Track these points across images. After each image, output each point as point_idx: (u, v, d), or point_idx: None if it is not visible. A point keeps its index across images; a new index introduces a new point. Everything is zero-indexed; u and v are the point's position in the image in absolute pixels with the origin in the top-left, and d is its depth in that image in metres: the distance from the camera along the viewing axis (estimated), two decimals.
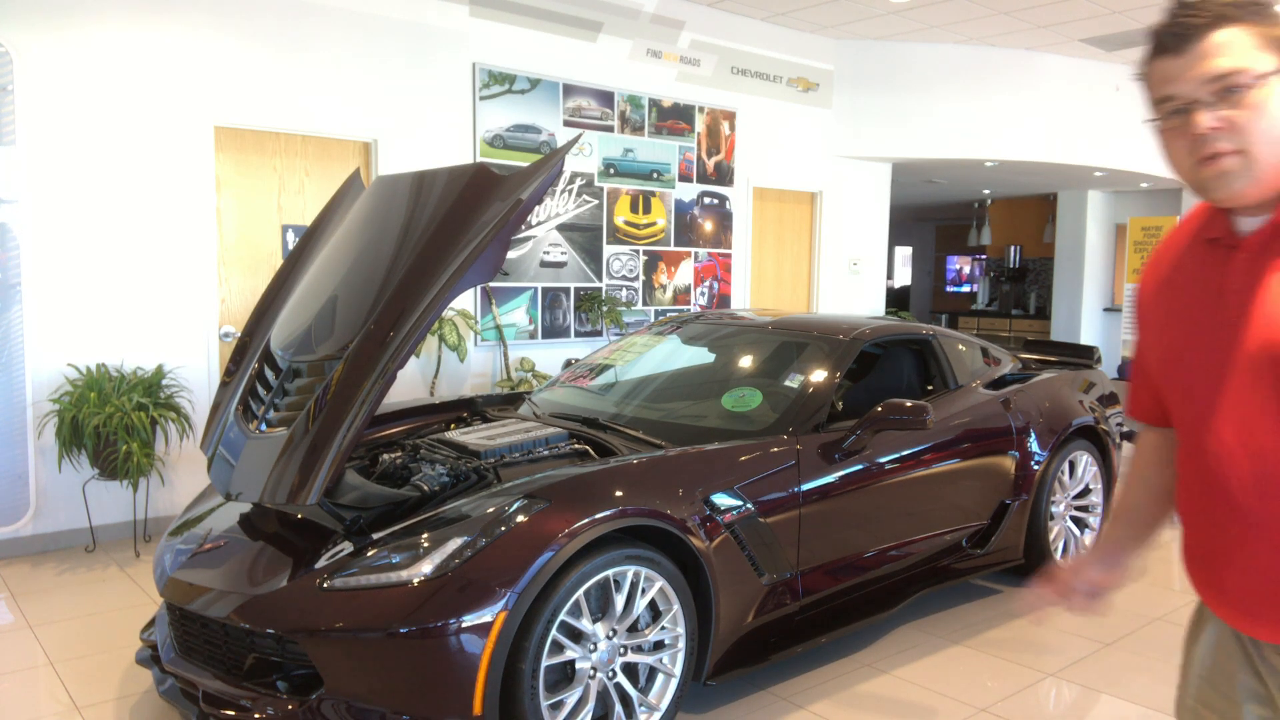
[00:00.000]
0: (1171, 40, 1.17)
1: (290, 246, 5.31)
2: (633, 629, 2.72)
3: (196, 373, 5.02)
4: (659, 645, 2.77)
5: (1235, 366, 1.21)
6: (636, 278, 6.94)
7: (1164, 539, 5.08)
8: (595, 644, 2.62)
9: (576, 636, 2.58)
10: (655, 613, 2.77)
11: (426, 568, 2.42)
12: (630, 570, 2.64)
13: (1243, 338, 1.19)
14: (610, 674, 2.66)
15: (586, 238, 6.62)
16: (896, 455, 3.52)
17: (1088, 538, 4.36)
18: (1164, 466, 1.50)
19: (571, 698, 2.56)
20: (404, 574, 2.42)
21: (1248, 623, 1.27)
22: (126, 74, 4.76)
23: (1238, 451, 1.22)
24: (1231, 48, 1.14)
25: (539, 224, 6.35)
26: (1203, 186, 1.19)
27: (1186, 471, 1.34)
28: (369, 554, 2.52)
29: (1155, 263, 1.42)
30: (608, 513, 2.58)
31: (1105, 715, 3.12)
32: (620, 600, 2.65)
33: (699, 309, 7.31)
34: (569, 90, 6.43)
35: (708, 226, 7.32)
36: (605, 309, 6.64)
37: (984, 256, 15.06)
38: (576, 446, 3.19)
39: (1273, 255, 1.18)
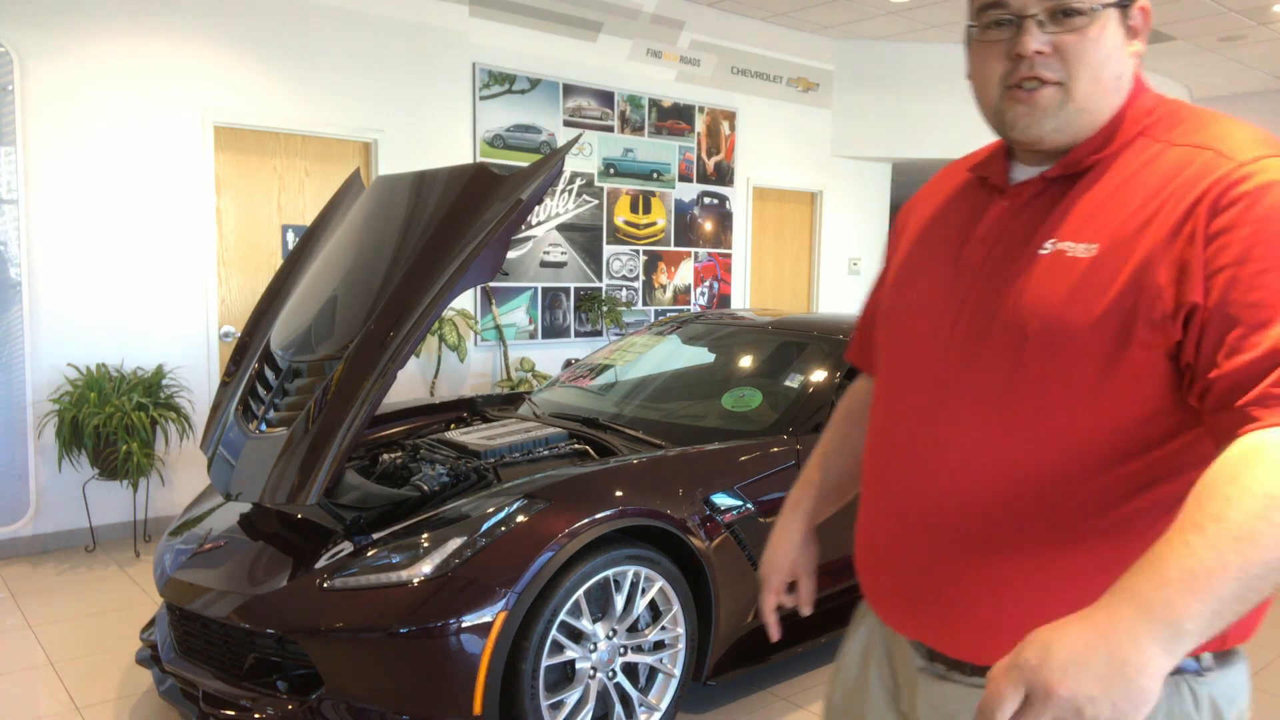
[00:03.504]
0: None
1: (290, 246, 5.31)
2: (633, 629, 2.72)
3: (196, 373, 5.02)
4: (659, 645, 2.77)
5: (960, 321, 1.06)
6: (636, 278, 6.94)
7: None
8: (595, 644, 2.62)
9: (576, 636, 2.58)
10: (655, 613, 2.77)
11: (426, 568, 2.42)
12: (630, 570, 2.64)
13: (980, 294, 1.05)
14: (610, 674, 2.66)
15: (586, 238, 6.62)
16: None
17: None
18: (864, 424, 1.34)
19: (571, 698, 2.56)
20: (404, 574, 2.42)
21: (904, 615, 1.12)
22: (126, 74, 4.76)
23: (924, 425, 1.07)
24: None
25: (539, 224, 6.35)
26: (1007, 120, 1.04)
27: (879, 428, 1.16)
28: (369, 554, 2.52)
29: (921, 192, 1.27)
30: (608, 513, 2.58)
31: None
32: (620, 600, 2.65)
33: (699, 309, 7.31)
34: (569, 90, 6.43)
35: (708, 226, 7.32)
36: (605, 309, 6.64)
37: None
38: (576, 446, 3.19)
39: (1034, 211, 1.05)
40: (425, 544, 2.49)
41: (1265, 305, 0.86)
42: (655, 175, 6.95)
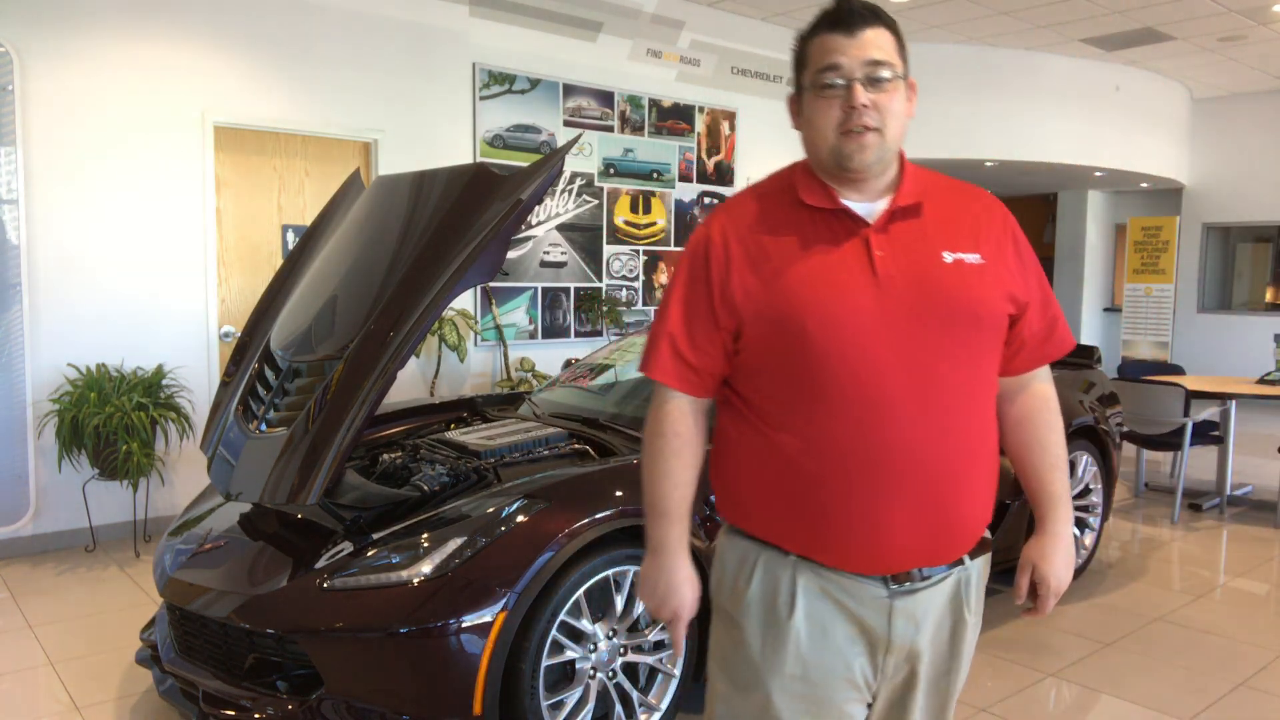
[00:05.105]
0: (844, 20, 1.39)
1: (290, 246, 5.31)
2: (633, 629, 2.72)
3: (196, 373, 5.02)
4: (659, 645, 2.77)
5: (912, 316, 1.38)
6: (636, 278, 6.94)
7: (1162, 539, 5.08)
8: (595, 644, 2.62)
9: (577, 636, 2.58)
10: None
11: (426, 568, 2.42)
12: (631, 570, 2.64)
13: (916, 294, 1.39)
14: (610, 674, 2.66)
15: (586, 238, 6.62)
16: None
17: (1088, 538, 4.36)
18: (702, 441, 1.60)
19: (572, 698, 2.56)
20: (404, 574, 2.42)
21: (919, 553, 1.43)
22: (126, 74, 4.76)
23: (912, 396, 1.38)
24: (883, 43, 1.39)
25: (539, 224, 6.35)
26: (843, 153, 1.39)
27: (851, 419, 1.38)
28: (369, 554, 2.52)
29: (748, 219, 1.47)
30: (608, 513, 2.58)
31: (1105, 715, 3.12)
32: (620, 600, 2.65)
33: None
34: (569, 90, 6.43)
35: None
36: (605, 309, 6.64)
37: None
38: (576, 446, 3.19)
39: (905, 231, 1.43)
40: (425, 544, 2.49)
41: (1049, 300, 1.61)
42: (655, 175, 6.95)
